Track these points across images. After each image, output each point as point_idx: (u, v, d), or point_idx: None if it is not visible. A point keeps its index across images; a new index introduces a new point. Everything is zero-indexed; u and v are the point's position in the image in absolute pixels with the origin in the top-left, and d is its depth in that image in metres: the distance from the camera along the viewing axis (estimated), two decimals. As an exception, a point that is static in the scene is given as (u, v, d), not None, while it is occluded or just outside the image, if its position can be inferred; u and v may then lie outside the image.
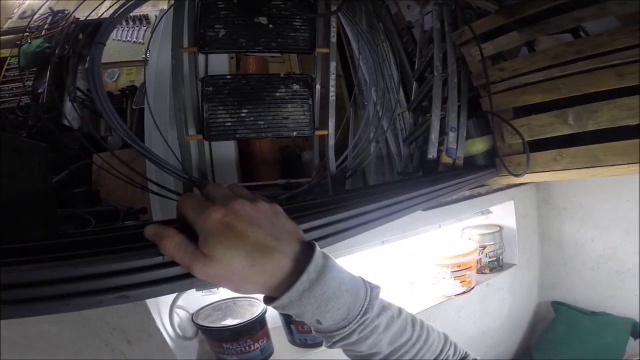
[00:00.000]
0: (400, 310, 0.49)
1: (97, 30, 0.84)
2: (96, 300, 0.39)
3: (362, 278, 0.46)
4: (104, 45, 0.80)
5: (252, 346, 0.96)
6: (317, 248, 0.42)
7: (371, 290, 0.45)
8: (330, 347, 0.45)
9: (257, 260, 0.38)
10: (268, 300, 0.42)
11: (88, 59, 0.77)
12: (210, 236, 0.37)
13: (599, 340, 1.37)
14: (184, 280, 0.42)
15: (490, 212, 1.37)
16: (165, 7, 0.81)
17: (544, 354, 1.48)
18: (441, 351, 0.51)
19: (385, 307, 0.47)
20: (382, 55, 1.59)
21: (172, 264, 0.40)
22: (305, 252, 0.41)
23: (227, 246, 0.37)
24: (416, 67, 1.38)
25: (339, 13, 0.98)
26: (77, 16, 2.05)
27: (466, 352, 0.54)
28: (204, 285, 0.55)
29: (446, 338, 0.53)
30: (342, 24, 1.41)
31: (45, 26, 2.09)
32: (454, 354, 0.52)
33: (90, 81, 0.76)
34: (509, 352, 1.60)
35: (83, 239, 0.56)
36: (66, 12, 2.12)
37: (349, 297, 0.42)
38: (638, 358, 1.27)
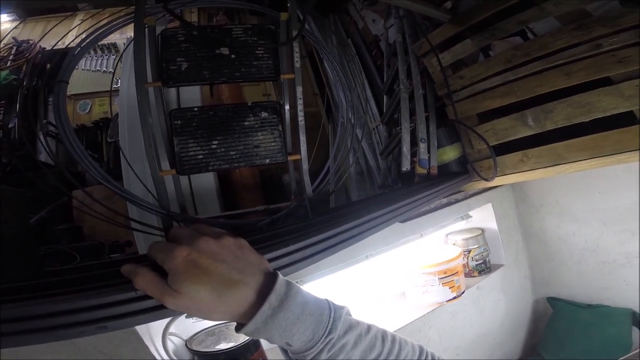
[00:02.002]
0: (369, 328, 0.51)
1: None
2: (77, 331, 0.45)
3: (327, 300, 0.49)
4: (67, 83, 0.81)
5: (247, 369, 0.96)
6: (280, 277, 0.45)
7: (334, 311, 0.47)
8: None
9: (223, 293, 0.42)
10: (238, 327, 0.45)
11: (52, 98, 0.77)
12: (178, 274, 0.41)
13: (603, 333, 1.38)
14: (157, 311, 0.47)
15: (470, 216, 1.39)
16: (132, 35, 0.83)
17: (551, 351, 1.48)
18: None
19: (352, 325, 0.49)
20: (353, 70, 1.62)
21: (146, 297, 0.45)
22: (268, 282, 0.45)
23: (194, 282, 0.41)
24: (385, 80, 1.42)
25: (304, 34, 1.01)
26: (42, 45, 1.99)
27: None
28: (176, 314, 0.58)
29: (422, 350, 0.54)
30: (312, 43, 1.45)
31: (10, 57, 2.00)
32: None
33: (57, 121, 0.76)
34: (515, 351, 1.60)
35: (68, 277, 0.61)
36: (31, 41, 2.06)
37: (313, 320, 0.45)
38: None
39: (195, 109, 0.90)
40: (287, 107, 0.95)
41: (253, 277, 0.44)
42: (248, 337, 0.94)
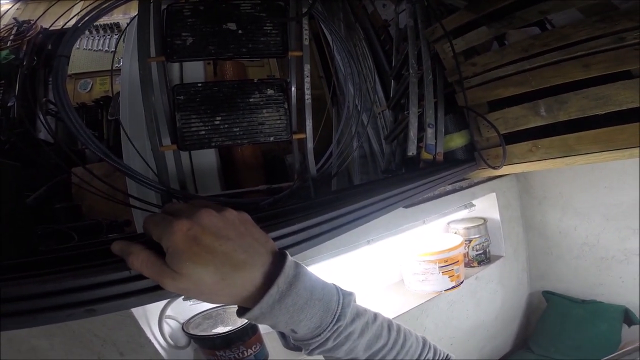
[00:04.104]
0: (375, 316, 0.49)
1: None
2: (64, 315, 0.40)
3: (335, 285, 0.46)
4: (68, 57, 0.78)
5: (245, 352, 0.96)
6: (289, 258, 0.42)
7: (343, 297, 0.45)
8: (309, 354, 0.45)
9: (227, 275, 0.38)
10: (241, 311, 0.41)
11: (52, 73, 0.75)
12: (177, 253, 0.36)
13: (594, 329, 1.39)
14: (152, 292, 0.43)
15: (473, 205, 1.38)
16: (137, 13, 0.80)
17: (542, 345, 1.49)
18: (420, 355, 0.51)
19: (359, 313, 0.47)
20: (361, 54, 1.59)
21: (141, 277, 0.41)
22: (276, 263, 0.41)
23: (195, 262, 0.36)
24: (393, 65, 1.39)
25: (312, 13, 0.98)
26: (43, 25, 1.98)
27: (447, 355, 0.54)
28: (174, 296, 0.55)
29: (425, 341, 0.53)
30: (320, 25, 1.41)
31: (11, 37, 1.99)
32: (433, 357, 0.52)
33: (56, 96, 0.74)
34: (506, 344, 1.62)
35: (53, 256, 0.56)
36: (32, 22, 2.04)
37: (321, 306, 0.42)
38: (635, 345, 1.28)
39: (199, 84, 0.88)
40: (293, 85, 0.93)
41: (260, 257, 0.40)
42: (246, 321, 0.94)
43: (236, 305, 0.42)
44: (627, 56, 0.80)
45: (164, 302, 0.93)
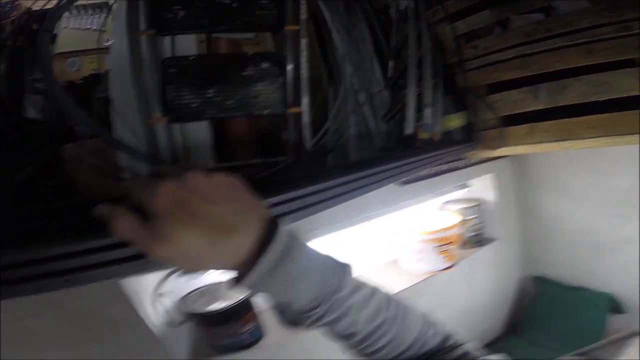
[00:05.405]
0: (374, 290, 0.48)
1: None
2: (39, 285, 0.38)
3: (331, 256, 0.44)
4: (51, 32, 0.75)
5: (241, 329, 0.96)
6: (282, 225, 0.40)
7: (341, 268, 0.43)
8: (306, 328, 0.44)
9: (215, 241, 0.36)
10: (234, 281, 0.40)
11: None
12: (162, 217, 0.35)
13: (581, 316, 1.40)
14: (137, 261, 0.40)
15: (469, 186, 1.38)
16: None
17: (529, 330, 1.52)
18: (420, 331, 0.49)
19: (358, 286, 0.45)
20: (360, 35, 1.56)
21: (125, 244, 0.38)
22: (269, 230, 0.39)
23: (182, 227, 0.35)
24: (392, 45, 1.36)
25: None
26: (27, 5, 1.95)
27: (447, 332, 0.53)
28: (159, 266, 0.54)
29: (425, 318, 0.52)
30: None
31: None
32: (433, 334, 0.51)
33: (39, 69, 0.71)
34: (497, 328, 1.64)
35: (38, 225, 0.54)
36: (16, 2, 2.01)
37: (318, 276, 0.41)
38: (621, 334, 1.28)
39: (191, 56, 0.85)
40: (289, 61, 0.91)
41: (251, 222, 0.38)
42: (241, 298, 0.94)
43: (229, 279, 0.40)
44: (631, 45, 0.79)
45: (158, 278, 0.93)
